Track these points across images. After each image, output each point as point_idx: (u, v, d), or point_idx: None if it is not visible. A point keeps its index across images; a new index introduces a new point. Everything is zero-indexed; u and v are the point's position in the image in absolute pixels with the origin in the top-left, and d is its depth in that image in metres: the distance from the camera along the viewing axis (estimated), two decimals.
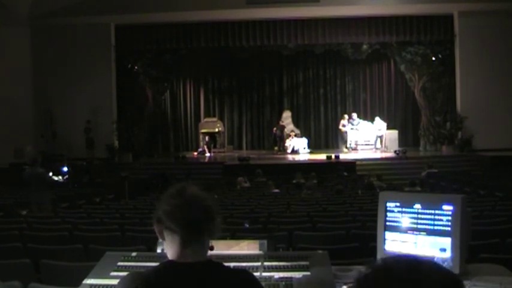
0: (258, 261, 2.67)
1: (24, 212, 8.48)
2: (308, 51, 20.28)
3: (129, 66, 19.04)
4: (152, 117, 19.84)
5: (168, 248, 1.76)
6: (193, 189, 1.75)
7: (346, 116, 19.29)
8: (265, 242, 2.84)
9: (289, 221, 6.52)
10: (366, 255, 3.81)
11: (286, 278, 2.48)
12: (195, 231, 1.71)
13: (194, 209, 1.70)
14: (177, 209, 1.70)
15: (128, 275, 1.78)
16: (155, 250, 2.91)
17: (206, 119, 20.89)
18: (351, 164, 15.95)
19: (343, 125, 18.98)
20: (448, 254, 2.40)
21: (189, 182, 1.81)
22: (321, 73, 21.77)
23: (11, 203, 9.28)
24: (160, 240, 1.81)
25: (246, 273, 1.83)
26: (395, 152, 17.41)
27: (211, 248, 1.85)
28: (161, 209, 1.74)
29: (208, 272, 1.69)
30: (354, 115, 19.16)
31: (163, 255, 2.75)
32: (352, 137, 18.76)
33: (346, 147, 18.88)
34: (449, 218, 2.45)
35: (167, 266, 1.72)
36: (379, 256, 2.63)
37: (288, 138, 19.33)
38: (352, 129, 18.79)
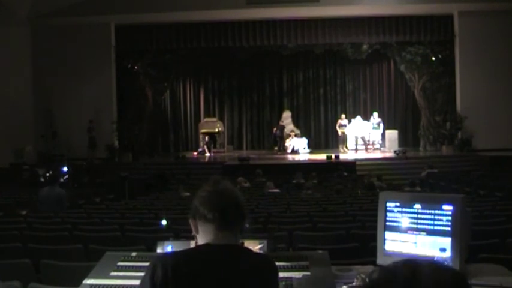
0: None
1: (24, 212, 8.47)
2: (308, 51, 20.28)
3: (129, 66, 19.04)
4: (152, 117, 19.83)
5: (201, 240, 1.87)
6: (227, 183, 1.91)
7: (343, 116, 19.26)
8: (265, 242, 2.84)
9: (289, 221, 6.52)
10: (366, 255, 3.80)
11: (286, 278, 2.48)
12: (228, 218, 1.82)
13: (228, 198, 1.84)
14: (212, 196, 1.83)
15: (155, 259, 1.83)
16: (155, 250, 2.91)
17: (206, 119, 20.88)
18: (351, 164, 15.94)
19: (340, 125, 18.93)
20: (448, 254, 2.40)
21: (223, 177, 1.97)
22: (321, 73, 21.76)
23: (11, 203, 9.27)
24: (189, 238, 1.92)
25: (267, 258, 1.96)
26: (395, 152, 17.41)
27: (242, 244, 2.00)
28: (197, 198, 1.87)
29: (235, 253, 1.82)
30: (375, 114, 18.98)
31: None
32: (374, 137, 18.69)
33: (346, 147, 18.86)
34: (449, 218, 2.45)
35: (200, 246, 1.85)
36: (379, 256, 2.63)
37: (288, 138, 19.33)
38: (374, 128, 18.66)
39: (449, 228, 2.44)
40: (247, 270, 1.78)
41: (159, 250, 2.88)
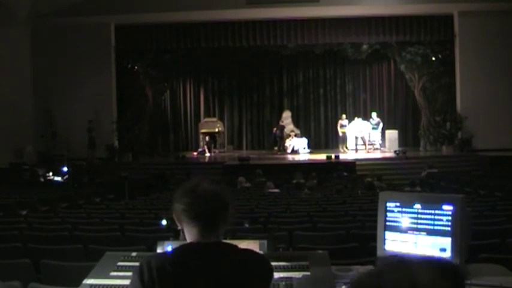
0: None
1: (24, 212, 8.48)
2: (308, 51, 20.27)
3: (129, 66, 19.05)
4: (152, 117, 19.84)
5: (186, 235, 1.91)
6: (205, 185, 1.88)
7: (344, 116, 19.25)
8: (265, 242, 2.84)
9: (289, 221, 6.52)
10: (366, 255, 3.81)
11: (286, 278, 2.48)
12: (209, 223, 1.85)
13: (207, 203, 1.83)
14: (190, 207, 1.84)
15: (140, 261, 1.85)
16: (155, 250, 2.91)
17: (206, 119, 20.88)
18: (351, 164, 15.94)
19: (341, 125, 18.93)
20: (448, 254, 2.40)
21: (201, 178, 1.94)
22: (321, 73, 21.76)
23: (11, 203, 9.27)
24: (180, 236, 2.00)
25: (255, 254, 1.97)
26: (395, 152, 17.41)
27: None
28: (176, 205, 1.88)
29: (221, 250, 1.84)
30: (374, 115, 18.96)
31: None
32: (374, 137, 18.65)
33: (346, 147, 18.85)
34: (449, 218, 2.45)
35: (184, 246, 1.87)
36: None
37: (288, 138, 19.33)
38: (373, 129, 18.63)
39: (449, 228, 2.44)
40: (233, 266, 1.79)
41: (159, 250, 2.87)
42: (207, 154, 18.98)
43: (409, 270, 1.09)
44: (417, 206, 2.54)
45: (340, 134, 18.94)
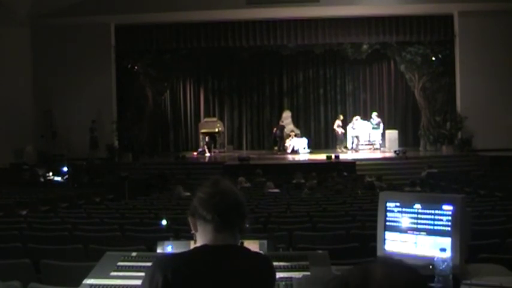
0: None
1: (24, 212, 8.48)
2: (308, 51, 20.28)
3: (129, 66, 19.05)
4: (152, 117, 19.84)
5: (200, 239, 1.85)
6: (227, 182, 1.88)
7: (341, 117, 19.25)
8: (265, 242, 2.85)
9: (289, 221, 6.52)
10: (366, 255, 3.81)
11: (286, 278, 2.48)
12: (227, 220, 1.81)
13: (227, 199, 1.81)
14: (211, 197, 1.81)
15: (154, 263, 1.82)
16: (155, 250, 2.92)
17: (206, 119, 20.88)
18: (351, 164, 15.94)
19: (338, 125, 18.93)
20: (448, 254, 2.40)
21: (223, 177, 1.94)
22: (321, 73, 21.76)
23: (11, 203, 9.27)
24: (193, 237, 1.91)
25: (265, 258, 1.94)
26: (395, 152, 17.41)
27: (241, 244, 1.95)
28: (196, 198, 1.85)
29: (236, 254, 1.81)
30: (374, 115, 18.97)
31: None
32: (374, 137, 18.68)
33: (345, 147, 18.86)
34: (449, 218, 2.45)
35: (198, 248, 1.83)
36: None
37: (288, 138, 19.33)
38: (374, 129, 18.65)
39: (449, 228, 2.44)
40: (246, 271, 1.78)
41: (159, 250, 2.88)
42: (207, 154, 18.98)
43: (366, 270, 1.12)
44: (417, 206, 2.54)
45: (340, 133, 18.94)
